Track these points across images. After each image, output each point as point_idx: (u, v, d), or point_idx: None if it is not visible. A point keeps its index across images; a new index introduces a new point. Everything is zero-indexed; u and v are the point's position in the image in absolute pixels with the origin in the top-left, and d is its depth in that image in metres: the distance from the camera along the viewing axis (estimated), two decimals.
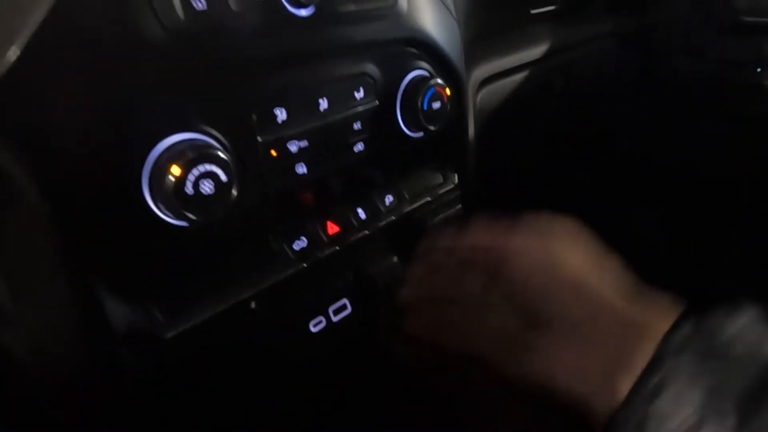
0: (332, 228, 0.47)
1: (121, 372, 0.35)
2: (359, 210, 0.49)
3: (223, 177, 0.34)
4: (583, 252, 0.35)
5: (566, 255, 0.34)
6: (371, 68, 0.45)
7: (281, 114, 0.39)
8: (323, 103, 0.41)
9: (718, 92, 1.11)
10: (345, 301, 0.49)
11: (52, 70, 0.29)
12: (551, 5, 0.89)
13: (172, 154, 0.32)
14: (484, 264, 0.35)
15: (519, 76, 0.82)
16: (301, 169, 0.41)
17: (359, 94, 0.44)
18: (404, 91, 0.47)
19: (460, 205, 0.59)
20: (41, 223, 0.30)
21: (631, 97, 1.16)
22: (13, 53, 0.28)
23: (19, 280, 0.31)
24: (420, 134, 0.50)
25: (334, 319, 0.48)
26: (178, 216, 0.33)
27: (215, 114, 0.35)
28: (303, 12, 0.38)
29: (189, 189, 0.32)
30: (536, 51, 0.85)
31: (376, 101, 0.46)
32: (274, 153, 0.39)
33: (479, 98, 0.73)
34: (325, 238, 0.46)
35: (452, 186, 0.58)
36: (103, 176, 0.31)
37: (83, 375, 0.34)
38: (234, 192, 0.34)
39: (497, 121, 0.77)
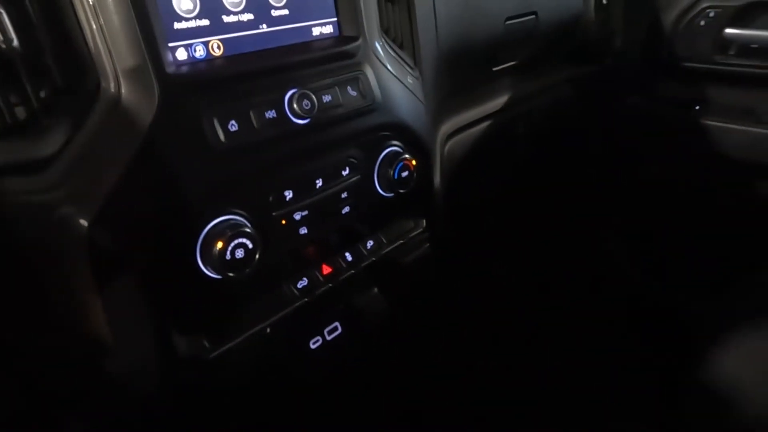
0: (326, 269, 0.62)
1: (184, 384, 0.50)
2: (347, 254, 0.64)
3: (250, 245, 0.49)
4: None
5: None
6: (354, 152, 0.60)
7: (289, 194, 0.54)
8: (319, 182, 0.57)
9: (664, 127, 1.26)
10: (337, 324, 0.64)
11: (141, 182, 0.44)
12: (512, 61, 1.03)
13: (216, 232, 0.47)
14: None
15: (483, 126, 0.97)
16: (303, 230, 0.56)
17: (345, 172, 0.59)
18: (380, 164, 0.63)
19: (428, 244, 0.74)
20: (134, 284, 0.45)
21: (586, 133, 1.32)
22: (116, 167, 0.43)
23: (117, 324, 0.46)
24: (392, 194, 0.65)
25: (328, 338, 0.63)
26: (220, 274, 0.48)
27: (244, 200, 0.50)
28: (302, 121, 0.53)
29: (228, 256, 0.47)
30: (498, 102, 1.00)
31: (359, 175, 0.61)
32: (283, 222, 0.54)
33: (447, 149, 0.88)
34: (321, 277, 0.61)
35: (421, 230, 0.73)
36: (171, 250, 0.46)
37: (162, 388, 0.49)
38: (257, 255, 0.50)
39: (464, 166, 0.92)
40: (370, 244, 0.66)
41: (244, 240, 0.48)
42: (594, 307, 1.43)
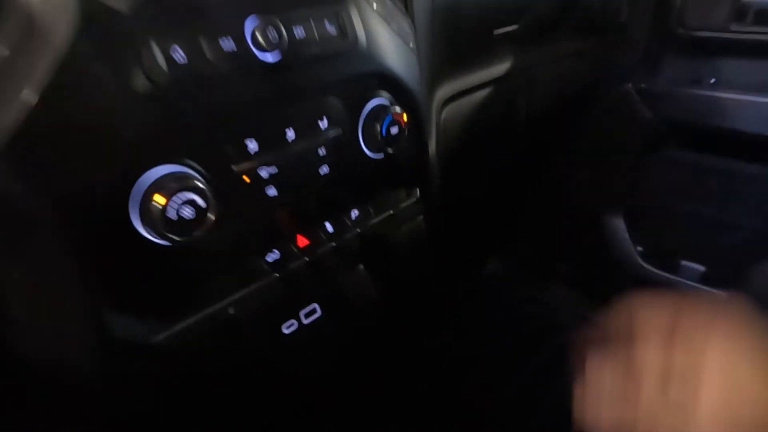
0: (302, 241, 0.53)
1: (119, 373, 0.41)
2: (327, 224, 0.55)
3: (201, 203, 0.40)
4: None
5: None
6: (334, 100, 0.51)
7: (252, 145, 0.45)
8: (290, 133, 0.47)
9: (676, 104, 1.18)
10: (315, 305, 0.55)
11: (58, 117, 0.35)
12: (514, 24, 0.94)
13: (157, 185, 0.38)
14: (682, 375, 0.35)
15: (482, 94, 0.88)
16: (272, 191, 0.47)
17: (323, 124, 0.50)
18: (365, 118, 0.54)
19: (421, 217, 0.65)
20: (53, 247, 0.36)
21: (590, 108, 1.23)
22: (28, 95, 0.34)
23: (33, 296, 0.37)
24: (381, 156, 0.56)
25: (305, 321, 0.54)
26: (163, 237, 0.39)
27: (195, 148, 0.41)
28: (269, 57, 0.44)
29: (172, 215, 0.38)
30: (499, 69, 0.91)
31: (340, 129, 0.52)
32: (246, 179, 0.45)
33: (443, 116, 0.79)
34: (295, 250, 0.52)
35: (414, 200, 0.64)
36: (99, 205, 0.37)
37: (86, 376, 0.40)
38: (211, 216, 0.40)
39: (461, 137, 0.83)
40: (354, 213, 0.57)
41: (193, 196, 0.39)
42: (599, 295, 1.34)
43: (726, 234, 1.21)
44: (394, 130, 0.54)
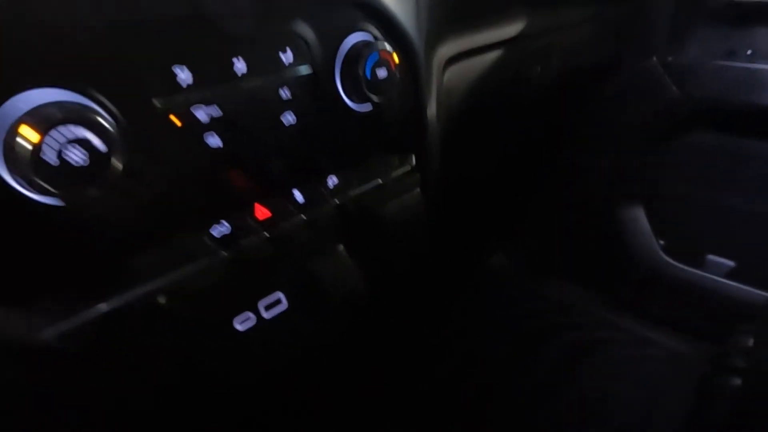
0: (262, 212, 0.41)
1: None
2: (296, 192, 0.43)
3: (99, 145, 0.28)
4: None
5: None
6: (302, 27, 0.39)
7: (183, 74, 0.33)
8: (239, 65, 0.36)
9: (707, 79, 1.06)
10: (279, 294, 0.43)
11: None
12: None
13: (31, 116, 0.26)
14: None
15: (491, 57, 0.76)
16: (214, 140, 0.36)
17: (287, 57, 0.38)
18: (345, 56, 0.42)
19: (418, 189, 0.53)
20: None
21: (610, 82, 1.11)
22: None
23: None
24: (367, 107, 0.45)
25: (266, 315, 0.42)
26: (40, 191, 0.27)
27: (96, 70, 0.29)
28: None
29: (51, 158, 0.26)
30: (510, 30, 0.79)
31: (309, 67, 0.40)
32: (177, 121, 0.33)
33: (446, 77, 0.67)
34: (252, 223, 0.40)
35: (409, 168, 0.52)
36: None
37: None
38: (117, 163, 0.29)
39: (465, 104, 0.71)
40: (332, 180, 0.46)
41: (85, 133, 0.27)
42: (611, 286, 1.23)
43: (758, 226, 1.09)
44: (382, 73, 0.43)
